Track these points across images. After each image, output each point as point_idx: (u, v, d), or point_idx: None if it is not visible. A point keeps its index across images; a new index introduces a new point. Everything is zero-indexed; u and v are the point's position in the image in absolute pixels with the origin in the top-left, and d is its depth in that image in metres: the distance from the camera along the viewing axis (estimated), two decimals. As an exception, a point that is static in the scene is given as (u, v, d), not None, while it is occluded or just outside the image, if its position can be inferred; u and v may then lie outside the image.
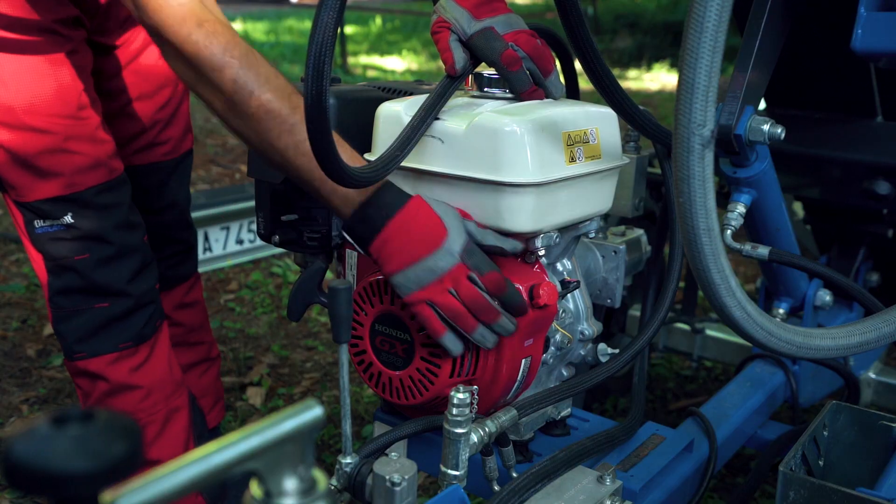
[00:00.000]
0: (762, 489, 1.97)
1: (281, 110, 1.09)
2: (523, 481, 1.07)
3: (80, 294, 1.54)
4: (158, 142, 1.77)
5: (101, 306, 1.55)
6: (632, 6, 13.24)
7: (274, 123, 1.09)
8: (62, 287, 1.54)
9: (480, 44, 1.21)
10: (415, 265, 1.10)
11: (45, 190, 1.47)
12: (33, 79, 1.42)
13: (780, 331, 0.97)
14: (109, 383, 1.58)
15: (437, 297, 1.10)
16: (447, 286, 1.10)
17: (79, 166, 1.48)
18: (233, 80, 1.09)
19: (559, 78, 1.28)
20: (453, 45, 1.21)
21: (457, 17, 1.21)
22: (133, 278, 1.57)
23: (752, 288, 3.00)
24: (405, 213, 1.11)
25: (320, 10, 0.92)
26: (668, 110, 6.28)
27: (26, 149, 1.44)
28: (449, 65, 1.21)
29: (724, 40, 0.78)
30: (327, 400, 2.47)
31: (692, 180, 0.83)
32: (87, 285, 1.53)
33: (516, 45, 1.22)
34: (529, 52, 1.22)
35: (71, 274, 1.52)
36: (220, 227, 3.45)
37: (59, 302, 1.55)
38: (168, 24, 1.11)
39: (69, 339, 1.57)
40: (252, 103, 1.09)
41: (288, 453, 0.49)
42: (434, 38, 1.25)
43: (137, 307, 1.58)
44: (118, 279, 1.55)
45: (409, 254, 1.10)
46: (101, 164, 1.51)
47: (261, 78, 1.10)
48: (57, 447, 0.42)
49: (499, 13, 1.23)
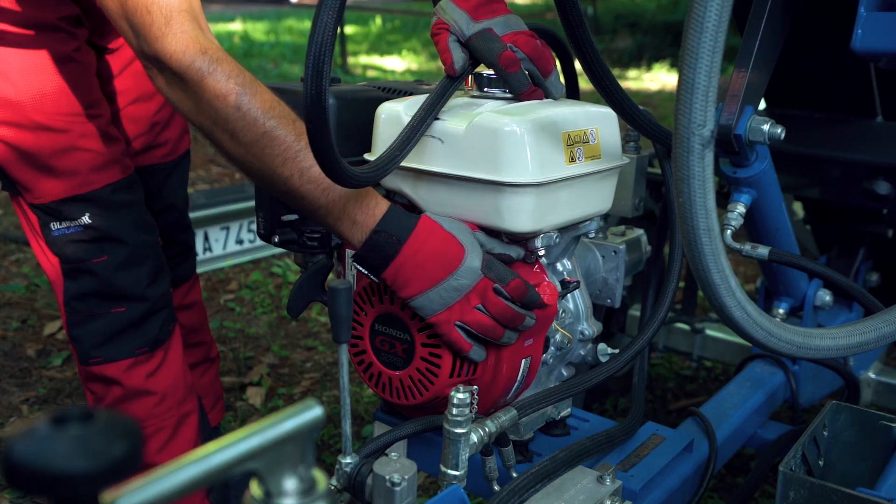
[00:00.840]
0: (762, 489, 1.97)
1: (286, 137, 1.08)
2: (523, 481, 1.07)
3: (97, 298, 1.53)
4: (156, 144, 1.77)
5: (118, 311, 1.54)
6: (632, 6, 13.24)
7: (279, 150, 1.08)
8: (79, 291, 1.53)
9: (479, 45, 1.21)
10: (437, 287, 1.09)
11: (61, 189, 1.46)
12: (41, 76, 1.42)
13: (780, 331, 0.97)
14: (124, 388, 1.57)
15: (465, 316, 1.11)
16: (474, 303, 1.10)
17: (93, 164, 1.47)
18: (236, 107, 1.07)
19: (559, 78, 1.28)
20: (452, 46, 1.21)
21: (455, 18, 1.21)
22: (150, 283, 1.57)
23: (752, 288, 3.00)
24: (417, 237, 1.10)
25: (320, 10, 0.92)
26: (668, 110, 6.29)
27: (39, 148, 1.43)
28: (448, 65, 1.21)
29: (725, 40, 0.78)
30: (327, 400, 2.47)
31: (692, 180, 0.83)
32: (105, 289, 1.52)
33: (515, 46, 1.21)
34: (529, 52, 1.22)
35: (88, 277, 1.51)
36: (220, 227, 3.45)
37: (75, 306, 1.54)
38: (169, 52, 1.09)
39: (85, 344, 1.55)
40: (257, 130, 1.08)
41: (288, 453, 0.49)
42: (434, 40, 1.25)
43: (153, 311, 1.58)
44: (136, 283, 1.54)
45: (428, 277, 1.09)
46: (116, 162, 1.51)
47: (265, 105, 1.09)
48: (57, 447, 0.42)
49: (498, 14, 1.23)
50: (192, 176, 4.63)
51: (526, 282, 1.12)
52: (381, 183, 1.27)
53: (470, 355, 1.13)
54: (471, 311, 1.10)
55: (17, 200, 1.52)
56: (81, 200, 1.48)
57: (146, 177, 1.75)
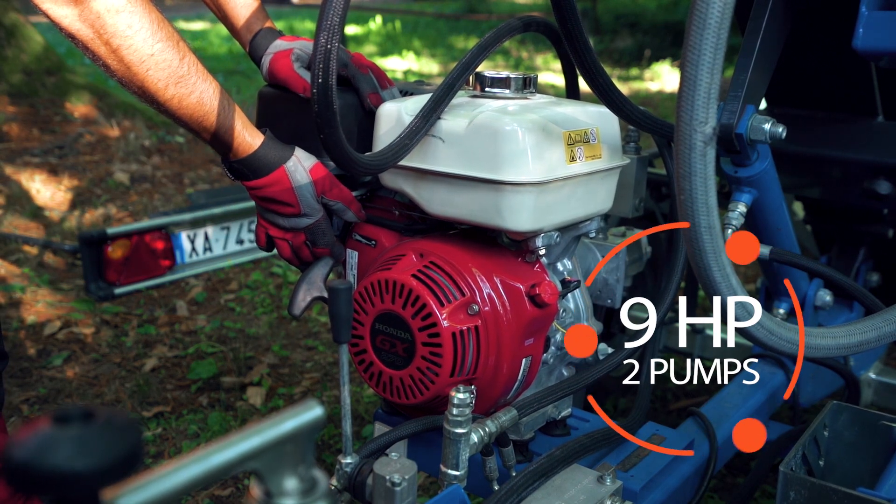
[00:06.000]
0: (762, 489, 1.97)
1: (171, 62, 1.07)
2: (521, 480, 1.07)
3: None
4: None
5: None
6: (632, 6, 13.23)
7: (163, 74, 1.06)
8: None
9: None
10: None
11: None
12: None
13: (780, 329, 0.97)
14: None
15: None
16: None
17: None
18: (128, 25, 1.02)
19: (397, 95, 1.36)
20: (300, 71, 1.29)
21: (296, 46, 1.32)
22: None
23: (753, 288, 2.99)
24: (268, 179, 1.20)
25: (325, 8, 0.94)
26: (668, 110, 6.28)
27: None
28: (302, 90, 1.28)
29: (727, 38, 0.78)
30: (327, 400, 2.47)
31: (694, 177, 0.83)
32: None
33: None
34: (370, 65, 1.34)
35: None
36: (221, 227, 3.45)
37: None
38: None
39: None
40: (144, 51, 1.04)
41: (288, 453, 0.49)
42: (275, 70, 1.31)
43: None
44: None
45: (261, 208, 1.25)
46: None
47: (154, 25, 1.05)
48: (57, 447, 0.42)
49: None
50: (192, 176, 4.64)
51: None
52: (383, 182, 1.27)
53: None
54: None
55: None
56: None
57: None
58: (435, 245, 1.22)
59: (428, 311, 1.14)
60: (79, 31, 1.01)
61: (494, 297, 1.18)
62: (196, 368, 2.60)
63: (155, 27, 1.05)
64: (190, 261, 3.34)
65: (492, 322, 1.18)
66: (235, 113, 1.15)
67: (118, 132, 5.09)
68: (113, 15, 1.01)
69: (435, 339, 1.16)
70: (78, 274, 3.30)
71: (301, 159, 1.21)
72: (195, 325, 2.95)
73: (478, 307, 1.17)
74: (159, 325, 2.94)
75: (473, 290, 1.18)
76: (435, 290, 1.15)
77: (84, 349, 2.74)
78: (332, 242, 1.29)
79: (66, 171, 4.46)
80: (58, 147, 4.78)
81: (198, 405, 2.43)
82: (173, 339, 2.84)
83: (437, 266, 1.19)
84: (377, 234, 1.33)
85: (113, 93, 5.58)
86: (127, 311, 3.03)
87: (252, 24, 1.36)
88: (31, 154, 4.64)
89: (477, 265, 1.19)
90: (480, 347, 1.17)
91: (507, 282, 1.19)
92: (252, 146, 1.18)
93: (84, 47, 1.04)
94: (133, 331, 2.88)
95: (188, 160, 4.85)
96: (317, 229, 1.26)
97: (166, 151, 4.95)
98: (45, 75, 5.43)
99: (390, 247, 1.31)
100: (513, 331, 1.19)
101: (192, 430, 2.29)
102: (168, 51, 1.06)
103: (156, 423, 2.32)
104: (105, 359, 2.69)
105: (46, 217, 3.92)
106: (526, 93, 1.26)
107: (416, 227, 1.32)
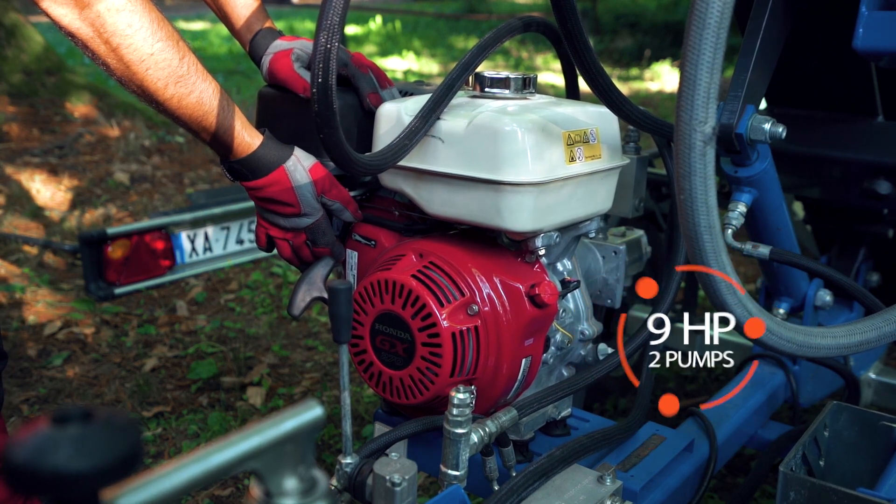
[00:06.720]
0: (762, 489, 1.97)
1: (171, 61, 1.07)
2: (521, 480, 1.07)
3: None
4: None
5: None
6: (632, 6, 13.22)
7: (162, 74, 1.06)
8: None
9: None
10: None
11: None
12: None
13: (780, 329, 0.97)
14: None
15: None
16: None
17: None
18: (128, 24, 1.02)
19: (397, 95, 1.36)
20: (300, 71, 1.29)
21: (296, 45, 1.32)
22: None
23: (753, 288, 2.99)
24: (266, 179, 1.20)
25: (325, 8, 0.93)
26: (668, 110, 6.28)
27: None
28: (302, 90, 1.28)
29: (727, 38, 0.78)
30: (327, 400, 2.47)
31: (693, 177, 0.83)
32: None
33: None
34: (370, 65, 1.34)
35: None
36: (221, 227, 3.45)
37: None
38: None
39: None
40: (144, 51, 1.04)
41: (288, 453, 0.49)
42: (275, 70, 1.31)
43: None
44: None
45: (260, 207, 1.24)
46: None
47: (154, 24, 1.05)
48: (56, 447, 0.42)
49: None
50: (192, 176, 4.64)
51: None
52: (383, 183, 1.27)
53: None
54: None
55: None
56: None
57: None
58: (435, 245, 1.23)
59: (428, 312, 1.14)
60: (78, 29, 1.01)
61: (494, 297, 1.18)
62: (196, 368, 2.60)
63: (155, 26, 1.05)
64: (190, 261, 3.34)
65: (492, 322, 1.18)
66: (235, 113, 1.15)
67: (118, 132, 5.09)
68: (113, 14, 1.01)
69: (435, 339, 1.16)
70: (78, 274, 3.30)
71: (300, 159, 1.21)
72: (195, 325, 2.95)
73: (477, 307, 1.17)
74: (159, 325, 2.94)
75: (473, 290, 1.18)
76: (435, 291, 1.16)
77: (84, 349, 2.74)
78: (333, 242, 1.29)
79: (66, 171, 4.46)
80: (58, 147, 4.78)
81: (198, 405, 2.43)
82: (173, 339, 2.84)
83: (436, 266, 1.19)
84: (377, 234, 1.33)
85: (113, 93, 5.58)
86: (127, 311, 3.03)
87: (252, 23, 1.36)
88: (31, 154, 4.64)
89: (477, 265, 1.19)
90: (480, 347, 1.17)
91: (506, 282, 1.19)
92: (251, 146, 1.18)
93: (84, 46, 1.04)
94: (133, 331, 2.88)
95: (188, 160, 4.85)
96: (317, 229, 1.26)
97: (166, 151, 4.95)
98: (45, 75, 5.43)
99: (390, 247, 1.31)
100: (513, 331, 1.19)
101: (192, 430, 2.29)
102: (168, 50, 1.06)
103: (156, 423, 2.32)
104: (105, 359, 2.69)
105: (46, 217, 3.92)
106: (525, 93, 1.26)
107: (416, 228, 1.32)
